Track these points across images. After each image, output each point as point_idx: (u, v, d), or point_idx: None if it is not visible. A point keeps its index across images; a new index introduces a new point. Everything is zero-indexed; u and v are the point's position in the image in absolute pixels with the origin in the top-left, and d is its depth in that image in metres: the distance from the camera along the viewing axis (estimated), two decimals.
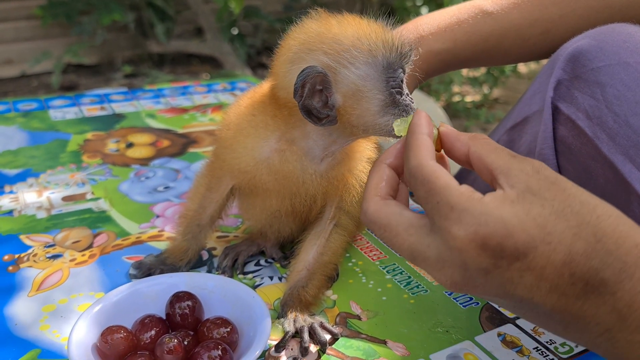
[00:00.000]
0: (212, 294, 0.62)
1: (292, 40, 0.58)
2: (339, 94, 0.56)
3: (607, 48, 0.63)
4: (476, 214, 0.40)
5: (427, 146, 0.46)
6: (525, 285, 0.40)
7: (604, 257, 0.38)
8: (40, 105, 1.33)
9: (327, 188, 0.65)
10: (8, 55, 3.16)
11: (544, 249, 0.39)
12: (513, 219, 0.39)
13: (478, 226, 0.39)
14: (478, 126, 2.88)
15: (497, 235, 0.39)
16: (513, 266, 0.39)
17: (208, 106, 1.36)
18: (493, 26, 0.76)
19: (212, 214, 0.71)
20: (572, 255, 0.38)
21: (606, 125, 0.60)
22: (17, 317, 0.65)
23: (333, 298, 0.70)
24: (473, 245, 0.40)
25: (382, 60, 0.55)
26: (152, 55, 3.46)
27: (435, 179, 0.43)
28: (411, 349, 0.62)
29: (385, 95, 0.56)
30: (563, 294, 0.39)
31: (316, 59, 0.55)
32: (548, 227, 0.39)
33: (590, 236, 0.39)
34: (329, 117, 0.56)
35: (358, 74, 0.55)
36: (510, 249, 0.39)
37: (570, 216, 0.39)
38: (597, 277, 0.38)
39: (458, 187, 0.42)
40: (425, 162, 0.45)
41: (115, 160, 1.06)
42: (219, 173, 0.68)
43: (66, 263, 0.74)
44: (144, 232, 0.83)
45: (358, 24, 0.57)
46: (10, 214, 0.86)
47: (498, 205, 0.40)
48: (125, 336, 0.55)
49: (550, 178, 0.42)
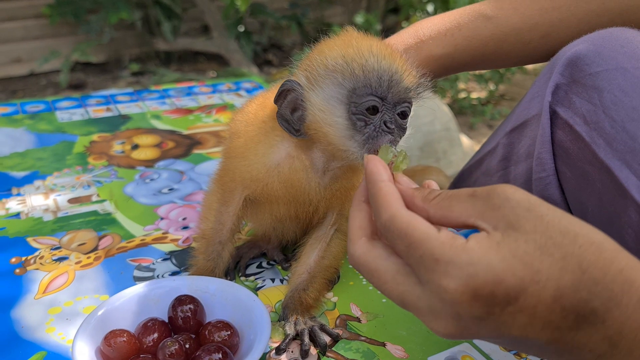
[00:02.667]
0: (213, 297, 0.64)
1: (304, 56, 0.62)
2: (308, 111, 0.58)
3: (605, 53, 0.63)
4: (463, 265, 0.39)
5: (393, 194, 0.45)
6: (519, 325, 0.40)
7: (591, 288, 0.38)
8: (47, 106, 1.34)
9: (329, 199, 0.65)
10: (17, 54, 3.19)
11: (534, 289, 0.38)
12: (501, 264, 0.38)
13: (468, 278, 0.39)
14: (484, 123, 2.87)
15: (488, 284, 0.38)
16: (506, 311, 0.39)
17: (213, 107, 1.37)
18: (493, 30, 0.76)
19: (231, 227, 0.70)
20: (561, 289, 0.38)
21: (603, 131, 0.61)
22: (23, 319, 0.66)
23: (333, 300, 0.71)
24: (465, 297, 0.39)
25: (346, 83, 0.55)
26: (159, 53, 3.47)
27: (412, 231, 0.42)
28: (410, 351, 0.63)
29: (345, 119, 0.56)
30: (557, 328, 0.39)
31: (298, 74, 0.60)
32: (535, 265, 0.38)
33: (576, 268, 0.38)
34: (301, 131, 0.60)
35: (323, 95, 0.57)
36: (502, 295, 0.39)
37: (553, 250, 0.39)
38: (587, 307, 0.38)
39: (438, 237, 0.41)
40: (398, 214, 0.43)
41: (120, 161, 1.08)
42: (231, 185, 0.67)
43: (72, 265, 0.76)
44: (149, 234, 0.84)
45: (349, 45, 0.57)
46: (18, 216, 0.88)
47: (484, 252, 0.39)
48: (128, 340, 0.56)
49: (522, 204, 0.40)
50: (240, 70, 3.11)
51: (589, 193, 0.63)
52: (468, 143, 2.38)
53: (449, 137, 2.18)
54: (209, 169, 1.05)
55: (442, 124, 2.17)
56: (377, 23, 3.33)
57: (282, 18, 3.47)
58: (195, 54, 3.55)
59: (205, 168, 1.06)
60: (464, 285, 0.39)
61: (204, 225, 0.70)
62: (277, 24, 3.63)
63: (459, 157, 2.19)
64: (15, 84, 3.13)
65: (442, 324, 0.42)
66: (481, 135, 2.73)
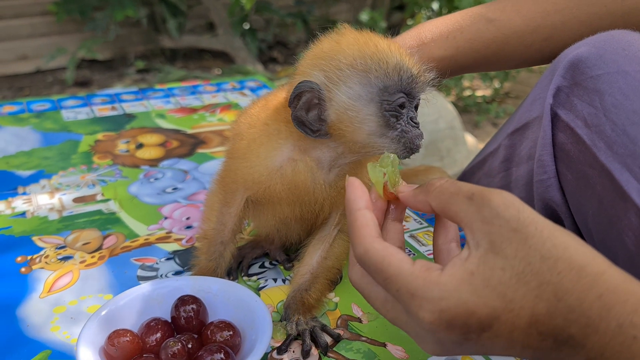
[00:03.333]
0: (216, 297, 0.64)
1: (307, 55, 0.61)
2: (331, 111, 0.58)
3: (607, 56, 0.63)
4: (436, 300, 0.41)
5: (368, 225, 0.46)
6: (500, 347, 0.42)
7: (567, 315, 0.39)
8: (53, 105, 1.35)
9: (334, 197, 0.66)
10: (23, 51, 3.21)
11: (507, 317, 0.40)
12: (472, 297, 0.40)
13: (440, 312, 0.41)
14: (489, 121, 2.86)
15: (460, 315, 0.40)
16: (482, 336, 0.41)
17: (217, 106, 1.38)
18: (495, 33, 0.76)
19: (232, 228, 0.70)
20: (535, 316, 0.39)
21: (604, 134, 0.61)
22: (29, 318, 0.67)
23: (335, 300, 0.72)
24: (441, 327, 0.41)
25: (377, 81, 0.57)
26: (164, 51, 3.48)
27: (386, 266, 0.43)
28: (410, 352, 0.63)
29: (378, 117, 0.57)
30: (537, 349, 0.40)
31: (314, 74, 0.58)
32: (509, 295, 0.40)
33: (551, 296, 0.39)
34: (321, 131, 0.59)
35: (350, 94, 0.57)
36: (475, 324, 0.40)
37: (530, 277, 0.39)
38: (564, 333, 0.39)
39: (412, 271, 0.42)
40: (371, 248, 0.45)
41: (125, 161, 1.08)
42: (233, 187, 0.68)
43: (76, 265, 0.77)
44: (153, 233, 0.85)
45: (366, 43, 0.58)
46: (24, 215, 0.89)
47: (457, 285, 0.41)
48: (132, 339, 0.57)
49: (511, 223, 0.41)
50: (245, 68, 3.11)
51: (589, 196, 0.63)
52: (472, 141, 2.37)
53: (453, 136, 2.18)
54: (213, 169, 1.06)
55: (446, 122, 2.17)
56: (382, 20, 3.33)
57: (287, 15, 3.47)
58: (200, 52, 3.56)
59: (209, 167, 1.07)
60: (438, 319, 0.41)
61: (206, 225, 0.71)
62: (282, 21, 3.63)
63: (463, 155, 2.19)
64: (21, 81, 3.15)
65: (428, 347, 0.45)
66: (486, 134, 2.72)
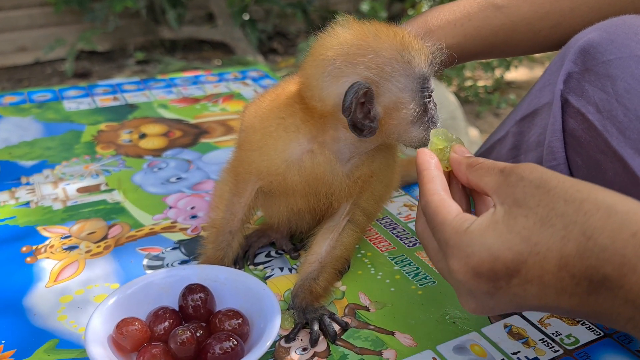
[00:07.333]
0: (223, 286, 0.64)
1: (327, 51, 0.58)
2: (380, 106, 0.57)
3: (618, 41, 0.62)
4: (463, 247, 0.43)
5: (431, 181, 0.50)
6: (533, 295, 0.41)
7: (599, 254, 0.37)
8: (54, 95, 1.34)
9: (350, 187, 0.65)
10: (22, 42, 3.19)
11: (534, 260, 0.39)
12: (496, 241, 0.41)
13: (467, 258, 0.42)
14: (490, 111, 2.86)
15: (485, 261, 0.41)
16: (512, 283, 0.41)
17: (219, 96, 1.37)
18: (503, 20, 0.75)
19: (242, 218, 0.70)
20: (565, 258, 0.38)
21: (616, 119, 0.60)
22: (35, 307, 0.67)
23: (342, 289, 0.71)
24: (468, 276, 0.42)
25: (419, 71, 0.57)
26: (164, 42, 3.47)
27: (435, 215, 0.47)
28: (418, 340, 0.63)
29: (420, 105, 0.58)
30: (573, 294, 0.39)
31: (359, 73, 0.56)
32: (533, 238, 0.39)
33: (579, 236, 0.38)
34: (371, 129, 0.58)
35: (398, 87, 0.57)
36: (502, 270, 0.40)
37: (555, 220, 0.39)
38: (599, 274, 0.38)
39: (450, 222, 0.45)
40: (430, 199, 0.48)
41: (128, 151, 1.08)
42: (245, 177, 0.67)
43: (82, 254, 0.76)
44: (157, 223, 0.84)
45: (393, 34, 0.58)
46: (27, 205, 0.88)
47: (482, 232, 0.42)
48: (140, 328, 0.57)
49: (534, 182, 0.42)
50: (245, 59, 3.10)
51: (600, 182, 0.62)
52: (474, 131, 2.37)
53: (455, 126, 2.18)
54: (217, 158, 1.05)
55: (448, 112, 2.16)
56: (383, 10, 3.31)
57: (287, 6, 3.44)
58: (200, 43, 3.54)
59: (213, 157, 1.06)
60: (464, 265, 0.42)
61: (214, 214, 0.70)
62: (282, 11, 3.61)
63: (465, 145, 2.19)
64: (20, 72, 3.13)
65: (464, 300, 0.46)
66: (487, 124, 2.71)
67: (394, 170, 0.71)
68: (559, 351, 0.61)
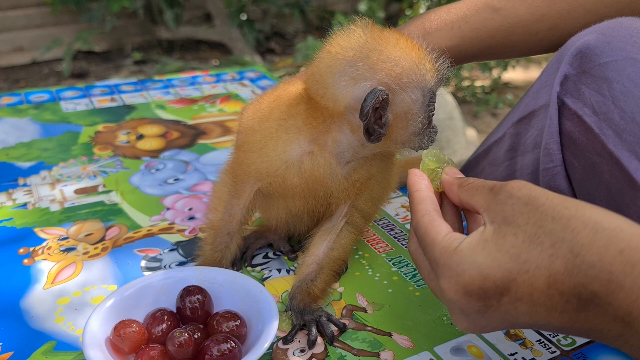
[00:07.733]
0: (221, 287, 0.64)
1: (346, 51, 0.57)
2: (392, 114, 0.58)
3: (615, 43, 0.62)
4: (453, 266, 0.43)
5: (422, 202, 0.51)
6: (524, 313, 0.41)
7: (587, 271, 0.37)
8: (51, 96, 1.34)
9: (348, 189, 0.66)
10: (19, 42, 3.18)
11: (524, 278, 0.39)
12: (485, 259, 0.41)
13: (457, 277, 0.42)
14: (488, 111, 2.86)
15: (475, 280, 0.41)
16: (502, 301, 0.41)
17: (217, 96, 1.37)
18: (500, 22, 0.75)
19: (240, 219, 0.69)
20: (554, 276, 0.39)
21: (612, 122, 0.60)
22: (33, 309, 0.67)
23: (340, 290, 0.71)
24: (459, 294, 0.42)
25: (430, 86, 0.58)
26: (161, 42, 3.46)
27: (425, 235, 0.48)
28: (416, 341, 0.63)
29: (426, 117, 0.59)
30: (563, 312, 0.39)
31: (378, 79, 0.56)
32: (522, 256, 0.40)
33: (567, 253, 0.38)
34: (379, 135, 0.58)
35: (412, 98, 0.58)
36: (492, 289, 0.41)
37: (543, 238, 0.39)
38: (587, 291, 0.38)
39: (440, 241, 0.45)
40: (420, 219, 0.49)
41: (125, 152, 1.08)
42: (244, 178, 0.67)
43: (79, 256, 0.76)
44: (155, 224, 0.84)
45: (411, 46, 0.59)
46: (25, 206, 0.88)
47: (471, 251, 0.42)
48: (138, 330, 0.57)
49: (523, 199, 0.42)
50: (243, 59, 3.09)
51: (597, 184, 0.63)
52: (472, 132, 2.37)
53: (452, 126, 2.18)
54: (214, 159, 1.05)
55: (445, 112, 2.16)
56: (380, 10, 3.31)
57: (285, 6, 3.44)
58: (197, 43, 3.54)
59: (211, 158, 1.06)
60: (455, 284, 0.43)
61: (213, 215, 0.70)
62: (280, 11, 3.61)
63: (462, 146, 2.19)
64: (17, 72, 3.12)
65: (457, 319, 0.46)
66: (485, 124, 2.72)
67: (391, 172, 0.71)
68: (556, 352, 0.61)
